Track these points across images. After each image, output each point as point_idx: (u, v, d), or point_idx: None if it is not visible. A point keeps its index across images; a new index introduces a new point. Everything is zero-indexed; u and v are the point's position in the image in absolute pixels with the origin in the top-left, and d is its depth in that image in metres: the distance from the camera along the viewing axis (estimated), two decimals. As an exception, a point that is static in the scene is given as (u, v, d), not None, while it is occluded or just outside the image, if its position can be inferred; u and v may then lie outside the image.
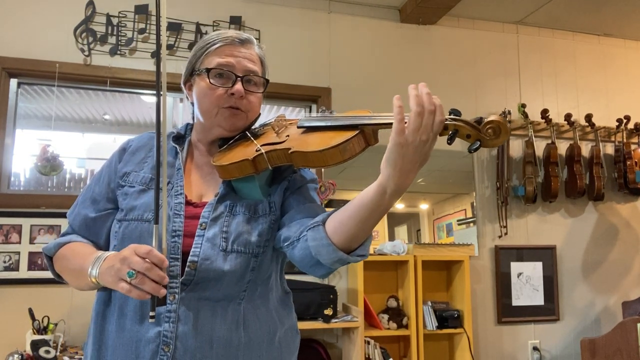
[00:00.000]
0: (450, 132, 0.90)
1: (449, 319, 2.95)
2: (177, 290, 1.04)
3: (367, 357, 2.74)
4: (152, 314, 0.94)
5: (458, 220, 3.42)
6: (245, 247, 1.08)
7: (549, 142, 3.48)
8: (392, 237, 3.29)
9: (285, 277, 1.25)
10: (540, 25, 3.70)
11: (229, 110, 1.13)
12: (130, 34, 2.95)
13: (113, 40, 2.92)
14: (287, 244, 1.07)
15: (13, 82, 2.82)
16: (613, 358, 2.44)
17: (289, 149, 1.02)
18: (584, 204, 3.59)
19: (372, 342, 2.78)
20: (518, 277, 3.37)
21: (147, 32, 2.98)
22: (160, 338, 1.02)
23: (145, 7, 2.97)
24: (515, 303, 3.34)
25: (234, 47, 1.16)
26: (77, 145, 3.14)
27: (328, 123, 1.04)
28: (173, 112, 3.06)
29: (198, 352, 1.03)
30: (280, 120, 1.16)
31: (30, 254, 2.67)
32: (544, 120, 3.47)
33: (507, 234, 3.38)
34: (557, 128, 3.52)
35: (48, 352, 2.33)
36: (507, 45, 3.63)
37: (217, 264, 1.05)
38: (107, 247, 1.15)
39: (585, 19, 3.60)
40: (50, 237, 2.69)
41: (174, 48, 3.00)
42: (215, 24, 3.07)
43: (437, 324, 2.92)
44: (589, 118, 3.55)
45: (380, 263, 3.06)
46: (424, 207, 3.45)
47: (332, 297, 2.70)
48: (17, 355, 2.34)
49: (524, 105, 3.51)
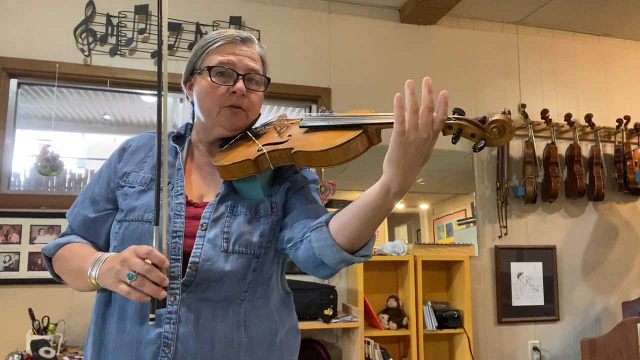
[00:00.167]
0: (455, 131, 0.90)
1: (449, 319, 2.95)
2: (177, 292, 1.03)
3: (367, 357, 2.74)
4: (152, 316, 0.93)
5: (458, 221, 3.42)
6: (247, 247, 1.07)
7: (549, 142, 3.48)
8: (392, 237, 3.29)
9: (285, 277, 1.25)
10: (540, 25, 3.70)
11: (230, 110, 1.13)
12: (130, 34, 2.95)
13: (113, 41, 2.92)
14: (290, 246, 1.07)
15: (13, 82, 2.82)
16: (613, 358, 2.44)
17: (292, 149, 1.02)
18: (584, 204, 3.59)
19: (372, 342, 2.78)
20: (518, 277, 3.37)
21: (147, 32, 2.98)
22: (161, 339, 1.01)
23: (145, 7, 2.97)
24: (515, 303, 3.34)
25: (235, 45, 1.15)
26: (77, 146, 3.14)
27: (331, 122, 1.03)
28: (173, 112, 3.06)
29: (199, 353, 1.02)
30: (282, 120, 1.15)
31: (30, 254, 2.67)
32: (544, 121, 3.47)
33: (507, 234, 3.38)
34: (557, 128, 3.52)
35: (48, 352, 2.33)
36: (507, 45, 3.63)
37: (218, 265, 1.04)
38: (106, 247, 1.14)
39: (585, 19, 3.60)
40: (50, 237, 2.69)
41: (174, 48, 3.00)
42: (215, 24, 3.07)
43: (437, 324, 2.92)
44: (589, 118, 3.55)
45: (380, 263, 3.06)
46: (424, 207, 3.45)
47: (332, 297, 2.70)
48: (17, 355, 2.34)
49: (524, 105, 3.51)
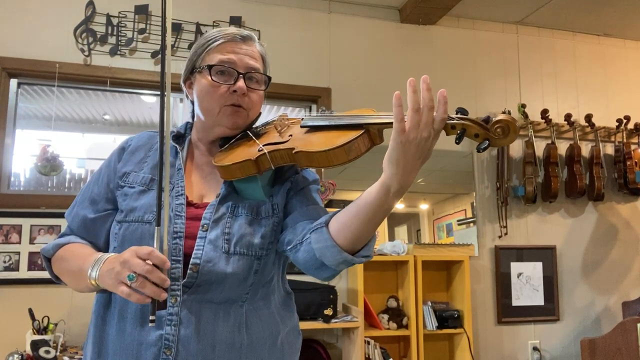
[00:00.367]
0: (458, 131, 0.89)
1: (449, 319, 2.95)
2: (178, 293, 1.02)
3: (367, 357, 2.74)
4: (152, 318, 0.92)
5: (458, 220, 3.42)
6: (248, 249, 1.06)
7: (549, 142, 3.48)
8: (392, 237, 3.29)
9: (286, 277, 1.25)
10: (540, 25, 3.70)
11: (231, 109, 1.12)
12: (130, 34, 2.95)
13: (113, 41, 2.92)
14: (290, 247, 1.06)
15: (13, 82, 2.82)
16: (613, 358, 2.44)
17: (293, 149, 1.00)
18: (584, 204, 3.59)
19: (372, 342, 2.78)
20: (518, 277, 3.37)
21: (147, 32, 2.98)
22: (162, 341, 1.00)
23: (145, 7, 2.97)
24: (515, 303, 3.34)
25: (236, 43, 1.14)
26: (77, 146, 3.14)
27: (332, 122, 1.02)
28: (173, 112, 3.06)
29: (200, 355, 1.01)
30: (283, 120, 1.14)
31: (30, 254, 2.67)
32: (544, 121, 3.47)
33: (507, 234, 3.38)
34: (557, 128, 3.52)
35: (48, 352, 2.33)
36: (507, 45, 3.63)
37: (219, 267, 1.03)
38: (106, 248, 1.14)
39: (585, 19, 3.60)
40: (50, 237, 2.69)
41: (174, 48, 3.00)
42: (215, 24, 3.07)
43: (437, 324, 2.92)
44: (589, 118, 3.55)
45: (380, 263, 3.06)
46: (424, 207, 3.45)
47: (332, 297, 2.70)
48: (17, 355, 2.34)
49: (524, 106, 3.51)
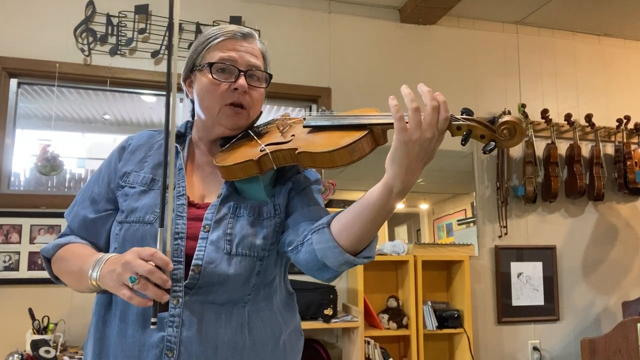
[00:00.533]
0: (464, 132, 0.87)
1: (449, 319, 2.95)
2: (180, 294, 1.01)
3: (367, 357, 2.74)
4: (153, 320, 0.91)
5: (458, 220, 3.42)
6: (250, 250, 1.06)
7: (549, 142, 3.48)
8: (392, 237, 3.29)
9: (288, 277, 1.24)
10: (540, 25, 3.70)
11: (231, 109, 1.11)
12: (130, 34, 2.94)
13: (113, 40, 2.92)
14: (291, 248, 1.05)
15: (13, 82, 2.82)
16: (613, 358, 2.44)
17: (296, 150, 0.99)
18: (584, 204, 3.59)
19: (372, 342, 2.78)
20: (518, 277, 3.37)
21: (147, 32, 2.98)
22: (164, 343, 1.00)
23: (146, 7, 2.97)
24: (515, 303, 3.34)
25: (236, 41, 1.13)
26: (77, 145, 3.14)
27: (335, 122, 1.00)
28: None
29: (202, 356, 1.00)
30: (285, 119, 1.13)
31: (30, 254, 2.67)
32: (544, 120, 3.47)
33: (507, 234, 3.38)
34: (557, 128, 3.52)
35: (48, 352, 2.33)
36: (507, 45, 3.63)
37: (221, 268, 1.02)
38: (107, 248, 1.13)
39: (585, 19, 3.60)
40: (50, 237, 2.69)
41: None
42: (215, 24, 3.07)
43: (437, 324, 2.92)
44: (589, 118, 3.55)
45: (380, 263, 3.06)
46: (424, 207, 3.45)
47: (332, 297, 2.70)
48: (17, 355, 2.34)
49: (524, 105, 3.51)
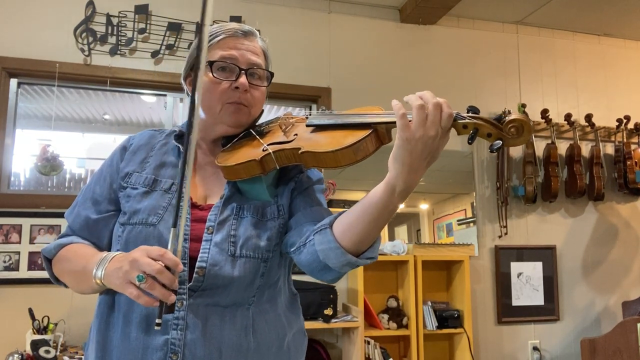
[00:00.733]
0: (471, 131, 0.86)
1: (449, 319, 2.95)
2: (184, 297, 1.00)
3: (367, 357, 2.74)
4: (158, 322, 0.88)
5: (458, 220, 3.42)
6: (255, 252, 1.05)
7: (549, 142, 3.49)
8: (392, 237, 3.29)
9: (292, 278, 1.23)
10: (540, 25, 3.70)
11: (233, 106, 1.09)
12: (130, 34, 2.94)
13: (113, 40, 2.92)
14: (293, 249, 1.04)
15: (13, 82, 2.82)
16: (613, 358, 2.44)
17: (299, 149, 0.97)
18: (584, 204, 3.59)
19: (372, 342, 2.78)
20: (518, 277, 3.37)
21: (147, 32, 2.98)
22: (168, 346, 0.99)
23: (145, 7, 2.97)
24: (515, 303, 3.34)
25: (237, 39, 1.12)
26: (77, 145, 3.14)
27: (339, 121, 0.99)
28: (173, 112, 3.07)
29: (207, 359, 1.00)
30: (288, 118, 1.11)
31: (30, 254, 2.67)
32: (544, 120, 3.47)
33: (507, 234, 3.38)
34: (557, 128, 3.52)
35: (48, 352, 2.33)
36: (507, 45, 3.63)
37: (225, 270, 1.01)
38: (109, 249, 1.12)
39: (585, 19, 3.60)
40: (50, 237, 2.69)
41: (174, 48, 3.00)
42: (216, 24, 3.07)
43: (437, 324, 2.92)
44: (589, 118, 3.55)
45: (380, 263, 3.06)
46: (424, 207, 3.45)
47: (332, 297, 2.70)
48: (17, 355, 2.34)
49: (524, 105, 3.51)
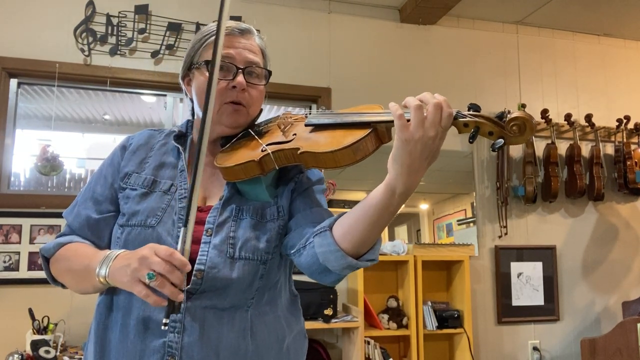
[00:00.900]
0: (472, 129, 0.84)
1: (449, 319, 2.95)
2: (182, 299, 0.99)
3: (367, 357, 2.74)
4: (165, 322, 0.87)
5: (458, 220, 3.42)
6: (254, 254, 1.03)
7: (549, 142, 3.48)
8: (392, 237, 3.29)
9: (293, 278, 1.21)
10: (540, 25, 3.70)
11: (231, 107, 1.08)
12: (130, 34, 2.94)
13: (113, 40, 2.92)
14: (293, 252, 1.03)
15: (13, 82, 2.82)
16: (613, 358, 2.44)
17: (298, 149, 0.96)
18: (584, 204, 3.59)
19: (372, 342, 2.78)
20: (518, 277, 3.37)
21: (147, 32, 2.98)
22: (165, 349, 0.98)
23: (145, 7, 2.97)
24: (515, 303, 3.34)
25: (234, 37, 1.10)
26: (77, 145, 3.14)
27: (338, 120, 0.97)
28: (173, 112, 3.07)
29: None
30: (287, 118, 1.10)
31: (30, 254, 2.67)
32: (544, 121, 3.47)
33: (507, 234, 3.38)
34: (557, 128, 3.52)
35: (48, 352, 2.33)
36: (507, 45, 3.63)
37: (224, 272, 1.00)
38: (109, 249, 1.10)
39: (585, 19, 3.60)
40: (50, 237, 2.69)
41: (174, 48, 3.00)
42: (215, 24, 3.07)
43: (437, 324, 2.92)
44: (589, 118, 3.55)
45: (380, 263, 3.05)
46: (424, 207, 3.45)
47: (332, 297, 2.70)
48: (17, 355, 2.34)
49: (524, 105, 3.51)
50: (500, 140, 0.83)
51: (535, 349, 3.32)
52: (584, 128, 3.59)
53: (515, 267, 3.37)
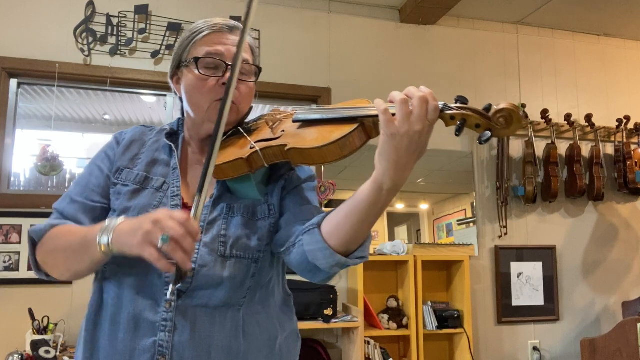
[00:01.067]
0: (458, 122, 0.82)
1: (449, 319, 2.95)
2: (173, 298, 0.98)
3: (367, 357, 2.74)
4: (172, 289, 0.85)
5: (458, 220, 3.42)
6: (245, 252, 1.03)
7: (549, 142, 3.48)
8: (392, 237, 3.29)
9: (286, 277, 1.21)
10: (540, 25, 3.70)
11: (221, 103, 1.07)
12: (130, 34, 2.94)
13: (113, 40, 2.92)
14: (283, 250, 1.03)
15: (13, 82, 2.82)
16: (613, 358, 2.44)
17: (285, 146, 0.96)
18: (584, 204, 3.59)
19: (372, 342, 2.78)
20: (518, 277, 3.37)
21: (147, 32, 2.98)
22: (156, 348, 0.96)
23: (145, 7, 2.97)
24: (515, 303, 3.34)
25: (223, 34, 1.10)
26: (77, 145, 3.14)
27: (325, 116, 0.97)
28: (173, 112, 3.06)
29: None
30: (275, 114, 1.09)
31: (30, 254, 2.67)
32: (544, 120, 3.47)
33: (507, 234, 3.38)
34: (557, 128, 3.52)
35: (48, 352, 2.33)
36: (507, 45, 3.63)
37: (215, 271, 1.00)
38: None
39: (585, 19, 3.60)
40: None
41: (173, 48, 2.99)
42: (215, 24, 3.07)
43: (437, 324, 2.92)
44: (589, 118, 3.55)
45: (380, 263, 3.06)
46: (424, 207, 3.45)
47: (332, 297, 2.70)
48: (17, 355, 2.34)
49: (524, 105, 3.51)
50: (488, 133, 0.82)
51: (535, 349, 3.32)
52: (584, 128, 3.59)
53: (515, 267, 3.37)
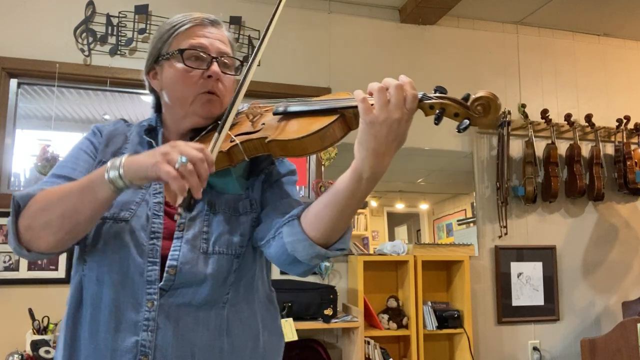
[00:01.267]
0: (437, 111, 0.84)
1: (449, 319, 2.95)
2: (155, 297, 0.96)
3: (367, 357, 2.74)
4: (180, 212, 0.83)
5: (458, 221, 3.42)
6: (228, 248, 1.02)
7: (549, 142, 3.48)
8: (392, 237, 3.29)
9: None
10: (540, 25, 3.70)
11: (206, 97, 1.06)
12: (130, 34, 2.95)
13: (113, 40, 2.92)
14: (263, 243, 1.02)
15: (13, 82, 2.82)
16: (613, 358, 2.44)
17: (266, 138, 0.96)
18: (584, 204, 3.58)
19: (372, 342, 2.78)
20: (518, 277, 3.37)
21: (147, 32, 2.98)
22: (138, 348, 0.95)
23: (145, 7, 2.97)
24: (515, 303, 3.33)
25: (204, 27, 1.10)
26: (77, 145, 3.14)
27: (305, 108, 0.97)
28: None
29: None
30: (255, 108, 1.08)
31: (30, 254, 2.67)
32: (544, 120, 3.47)
33: (507, 234, 3.38)
34: (557, 128, 3.52)
35: (48, 352, 2.33)
36: (507, 45, 3.63)
37: (198, 268, 0.99)
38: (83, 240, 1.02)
39: (585, 19, 3.60)
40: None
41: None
42: (215, 24, 3.07)
43: (437, 324, 2.92)
44: (589, 118, 3.55)
45: (380, 263, 3.06)
46: (424, 207, 3.45)
47: (332, 297, 2.70)
48: (17, 355, 2.35)
49: (524, 105, 3.51)
50: (466, 121, 0.83)
51: (535, 349, 3.32)
52: (584, 128, 3.58)
53: (515, 267, 3.37)
